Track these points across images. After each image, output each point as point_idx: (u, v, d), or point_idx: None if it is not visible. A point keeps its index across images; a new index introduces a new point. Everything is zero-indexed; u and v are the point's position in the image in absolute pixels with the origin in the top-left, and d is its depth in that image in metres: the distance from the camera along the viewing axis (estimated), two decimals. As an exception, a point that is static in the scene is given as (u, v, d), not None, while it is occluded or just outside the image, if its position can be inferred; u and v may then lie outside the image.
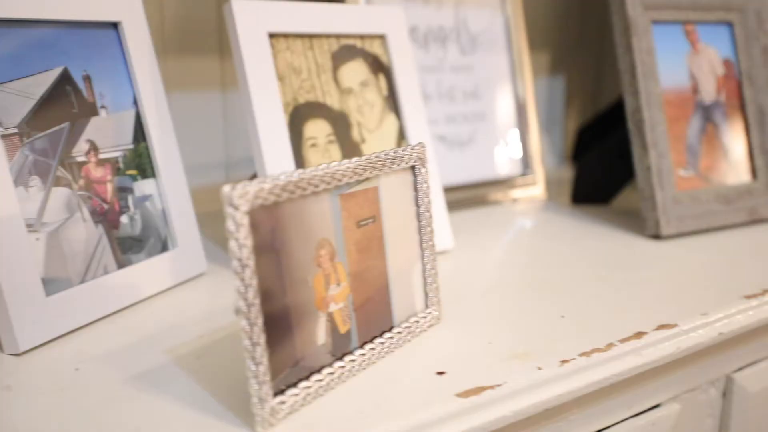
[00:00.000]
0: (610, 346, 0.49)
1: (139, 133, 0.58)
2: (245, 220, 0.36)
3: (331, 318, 0.42)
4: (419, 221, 0.50)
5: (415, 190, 0.50)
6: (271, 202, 0.38)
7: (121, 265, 0.54)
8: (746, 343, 0.61)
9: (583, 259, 0.69)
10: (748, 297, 0.58)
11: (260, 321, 0.36)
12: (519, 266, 0.67)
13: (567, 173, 1.03)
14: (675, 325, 0.52)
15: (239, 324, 0.36)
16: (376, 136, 0.67)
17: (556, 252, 0.71)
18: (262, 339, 0.36)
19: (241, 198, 0.35)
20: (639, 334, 0.51)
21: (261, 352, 0.36)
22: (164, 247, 0.59)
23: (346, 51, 0.66)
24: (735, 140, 0.82)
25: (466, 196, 0.87)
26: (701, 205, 0.77)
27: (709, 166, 0.80)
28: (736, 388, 0.61)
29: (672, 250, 0.71)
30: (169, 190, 0.59)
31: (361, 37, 0.67)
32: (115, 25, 0.57)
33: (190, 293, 0.58)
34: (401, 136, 0.69)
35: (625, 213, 0.84)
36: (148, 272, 0.56)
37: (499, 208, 0.88)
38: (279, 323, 0.38)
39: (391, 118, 0.68)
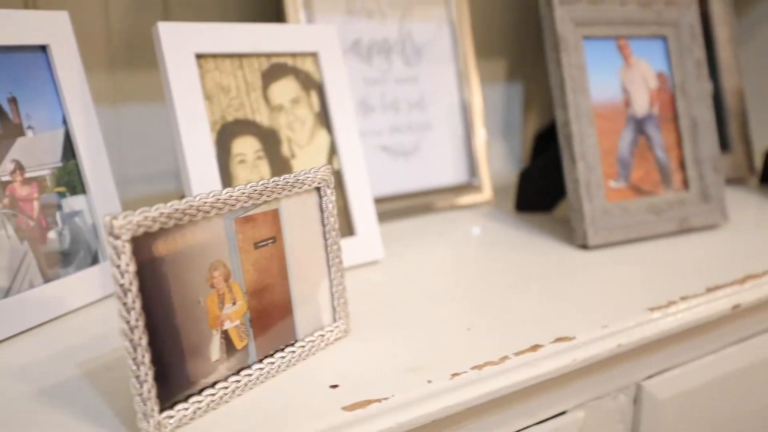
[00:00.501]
0: (504, 359, 0.51)
1: (69, 151, 0.60)
2: (126, 248, 0.38)
3: (226, 335, 0.45)
4: (325, 240, 0.53)
5: (321, 210, 0.52)
6: (157, 229, 0.40)
7: (48, 279, 0.57)
8: (655, 351, 0.64)
9: (508, 268, 0.71)
10: (652, 309, 0.60)
11: (144, 342, 0.39)
12: (443, 276, 0.69)
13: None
14: (573, 338, 0.55)
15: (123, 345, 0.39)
16: (307, 152, 0.69)
17: (483, 261, 0.74)
18: (146, 359, 0.39)
19: (121, 228, 0.38)
20: (535, 347, 0.53)
21: (145, 371, 0.39)
22: (95, 260, 0.61)
23: (276, 69, 0.68)
24: (668, 152, 0.84)
25: (412, 205, 0.89)
26: (631, 215, 0.79)
27: (640, 177, 0.82)
28: (646, 395, 0.64)
29: (597, 260, 0.74)
30: (99, 205, 0.62)
31: (293, 55, 0.70)
32: (43, 48, 0.59)
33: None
34: (333, 150, 0.71)
35: (563, 221, 0.87)
36: (76, 285, 0.59)
37: (443, 216, 0.90)
38: (168, 342, 0.41)
39: (323, 134, 0.71)
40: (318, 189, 0.52)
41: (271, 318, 0.48)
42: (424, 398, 0.47)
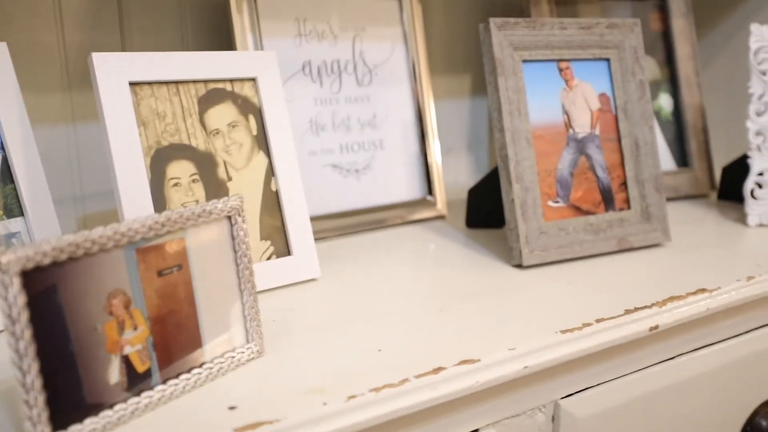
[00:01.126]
0: (404, 381, 0.54)
1: (7, 175, 0.64)
2: (15, 282, 0.41)
3: (126, 359, 0.48)
4: (237, 265, 0.55)
5: (232, 237, 0.55)
6: (49, 263, 0.43)
7: (-18, 298, 0.60)
8: (573, 370, 0.66)
9: (440, 288, 0.73)
10: (564, 331, 0.62)
11: (35, 369, 0.42)
12: (374, 295, 0.72)
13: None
14: (477, 360, 0.57)
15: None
16: (244, 174, 0.72)
17: (418, 279, 0.76)
18: (36, 384, 0.42)
19: (9, 263, 0.40)
20: (437, 370, 0.55)
21: (35, 395, 0.42)
22: (32, 280, 0.64)
23: (214, 94, 0.71)
24: (609, 172, 0.86)
25: (365, 221, 0.92)
26: (569, 235, 0.81)
27: (580, 197, 0.84)
28: (564, 413, 0.66)
29: (529, 280, 0.76)
30: (38, 227, 0.65)
31: (231, 80, 0.72)
32: (-18, 78, 0.62)
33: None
34: (271, 172, 0.74)
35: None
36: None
37: (395, 233, 0.93)
38: (61, 368, 0.44)
39: (261, 156, 0.73)
40: (229, 217, 0.54)
41: (177, 341, 0.51)
42: (318, 420, 0.49)
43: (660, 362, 0.72)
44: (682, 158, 1.12)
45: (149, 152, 0.66)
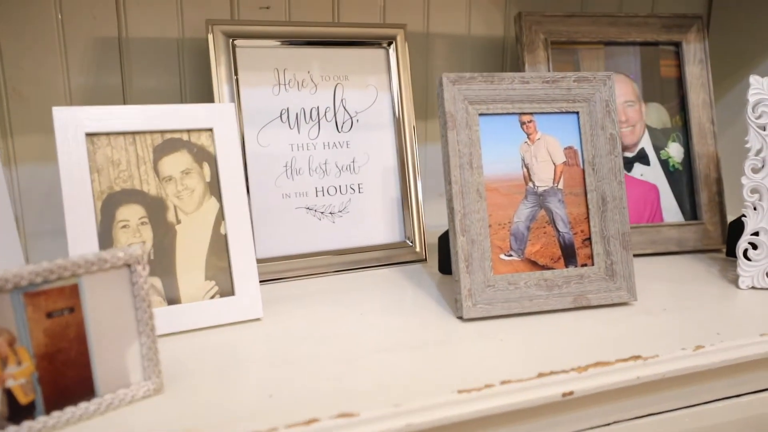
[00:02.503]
0: (272, 429, 0.56)
1: (-23, 214, 0.72)
2: None
3: (8, 391, 0.53)
4: (136, 309, 0.60)
5: (132, 283, 0.60)
6: (-71, 304, 0.49)
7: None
8: (475, 430, 0.66)
9: (375, 335, 0.75)
10: (461, 391, 0.63)
11: None
12: (306, 338, 0.75)
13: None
14: (356, 414, 0.59)
15: None
16: (194, 217, 0.77)
17: (358, 325, 0.78)
18: None
19: None
20: (310, 421, 0.58)
21: None
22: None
23: (170, 144, 0.77)
24: (573, 226, 0.85)
25: (339, 262, 0.95)
26: (519, 290, 0.81)
27: (537, 251, 0.83)
28: (466, 473, 0.66)
29: (463, 334, 0.76)
30: (2, 262, 0.73)
31: (189, 131, 0.78)
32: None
33: None
34: (221, 216, 0.79)
35: (471, 288, 0.89)
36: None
37: (368, 275, 0.95)
38: (-61, 396, 0.50)
39: (212, 201, 0.78)
40: (129, 265, 0.60)
41: (66, 377, 0.57)
42: (173, 461, 0.53)
43: (586, 429, 0.70)
44: (691, 210, 1.07)
45: (101, 196, 0.73)
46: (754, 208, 0.91)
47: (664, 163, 1.08)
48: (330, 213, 0.96)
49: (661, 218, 1.06)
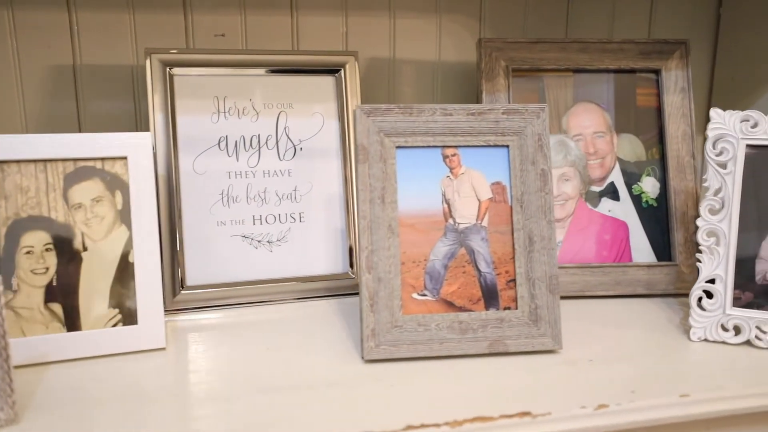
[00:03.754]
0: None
1: None
2: None
3: None
4: (-10, 338, 0.61)
5: (-13, 312, 0.61)
6: None
7: None
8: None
9: (271, 372, 0.73)
10: (310, 441, 0.60)
11: None
12: (195, 372, 0.73)
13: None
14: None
15: None
16: (101, 245, 0.78)
17: (259, 361, 0.76)
18: None
19: None
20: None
21: None
22: None
23: (81, 172, 0.78)
24: (496, 266, 0.80)
25: (275, 291, 0.94)
26: (429, 332, 0.77)
27: (454, 291, 0.79)
28: None
29: (360, 376, 0.72)
30: None
31: (102, 159, 0.79)
32: None
33: None
34: (129, 245, 0.79)
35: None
36: None
37: (303, 305, 0.93)
38: None
39: (122, 229, 0.79)
40: (-16, 294, 0.61)
41: None
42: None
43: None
44: (665, 250, 0.99)
45: (6, 222, 0.75)
46: (710, 253, 0.83)
47: (636, 199, 1.00)
48: (267, 242, 0.94)
49: (630, 258, 0.99)
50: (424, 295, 0.79)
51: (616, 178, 1.00)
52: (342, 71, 0.97)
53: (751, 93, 1.14)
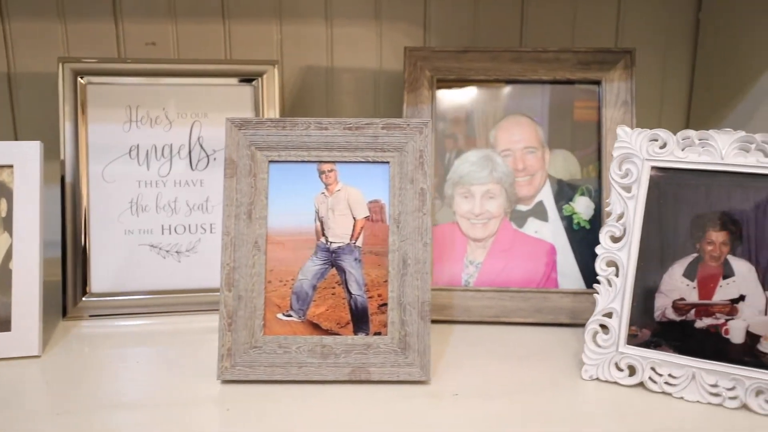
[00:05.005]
0: None
1: None
2: None
3: None
4: None
5: None
6: None
7: None
8: None
9: (124, 388, 0.72)
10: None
11: None
12: (51, 383, 0.74)
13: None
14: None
15: None
16: (-17, 251, 0.80)
17: (126, 375, 0.76)
18: None
19: None
20: None
21: None
22: None
23: (-32, 179, 0.80)
24: (369, 289, 0.76)
25: (183, 301, 0.93)
26: (289, 354, 0.74)
27: (321, 313, 0.76)
28: None
29: (206, 397, 0.71)
30: None
31: (-11, 167, 0.81)
32: None
33: None
34: (10, 253, 0.80)
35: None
36: None
37: (207, 318, 0.92)
38: None
39: (5, 237, 0.81)
40: None
41: None
42: None
43: None
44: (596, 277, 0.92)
45: None
46: (609, 284, 0.76)
47: (567, 220, 0.93)
48: (176, 252, 0.94)
49: (556, 283, 0.92)
50: (290, 315, 0.76)
51: (546, 197, 0.93)
52: (260, 80, 0.95)
53: (729, 102, 1.04)
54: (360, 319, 0.76)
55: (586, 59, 0.94)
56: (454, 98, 0.95)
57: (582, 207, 0.93)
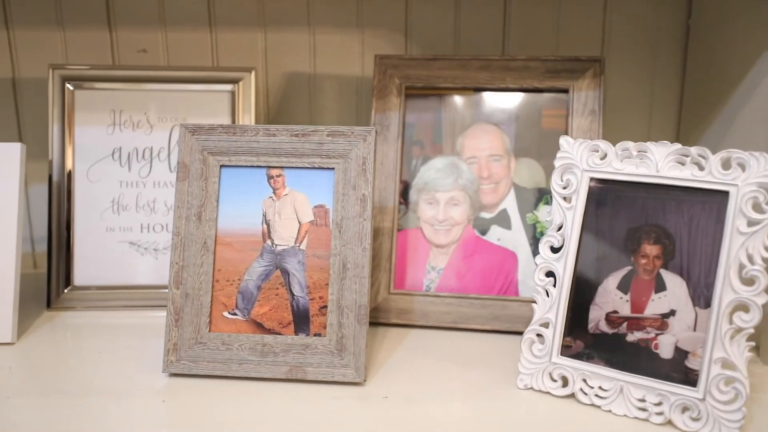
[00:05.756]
0: None
1: None
2: None
3: None
4: None
5: None
6: None
7: None
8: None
9: (68, 377, 0.77)
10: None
11: None
12: (15, 370, 0.79)
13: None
14: None
15: None
16: (-34, 244, 0.86)
17: (80, 364, 0.81)
18: None
19: None
20: None
21: None
22: None
23: (-44, 177, 0.87)
24: (311, 291, 0.78)
25: (155, 297, 0.98)
26: (231, 351, 0.77)
27: (264, 313, 0.79)
28: None
29: (149, 389, 0.75)
30: None
31: (-26, 166, 0.88)
32: None
33: None
34: (-10, 246, 0.87)
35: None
36: None
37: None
38: None
39: (-14, 231, 0.87)
40: None
41: None
42: None
43: None
44: (560, 286, 0.91)
45: None
46: (547, 294, 0.76)
47: (530, 228, 0.93)
48: (154, 249, 0.99)
49: (516, 292, 0.92)
50: (235, 314, 0.79)
51: (510, 205, 0.94)
52: (236, 86, 0.99)
53: (716, 108, 1.01)
54: (301, 320, 0.78)
55: (555, 67, 0.94)
56: (422, 106, 0.97)
57: (546, 216, 0.93)
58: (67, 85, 0.98)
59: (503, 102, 0.95)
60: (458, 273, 0.94)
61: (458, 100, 0.96)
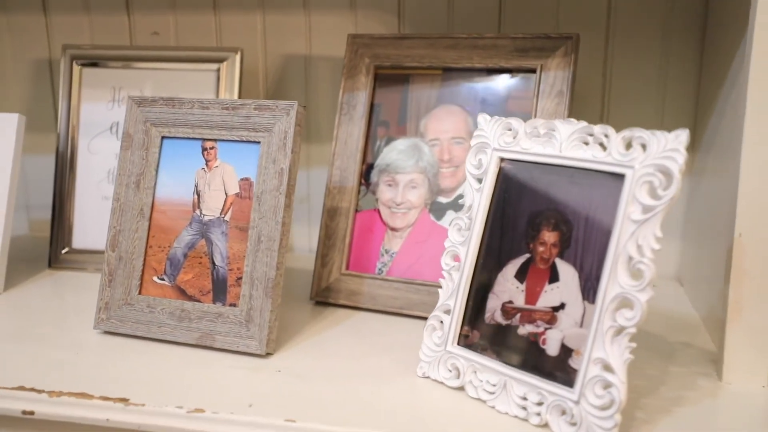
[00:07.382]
0: None
1: None
2: None
3: None
4: None
5: None
6: None
7: None
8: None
9: (23, 327, 0.85)
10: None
11: None
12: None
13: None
14: None
15: None
16: (-32, 203, 0.97)
17: (37, 318, 0.88)
18: None
19: None
20: None
21: None
22: None
23: (-35, 143, 0.98)
24: (231, 262, 0.80)
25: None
26: (154, 314, 0.81)
27: (188, 280, 0.81)
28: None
29: (75, 343, 0.80)
30: None
31: (-19, 134, 0.98)
32: None
33: None
34: (-13, 206, 0.97)
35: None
36: None
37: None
38: None
39: (-16, 195, 0.97)
40: None
41: None
42: None
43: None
44: (514, 278, 0.86)
45: None
46: (451, 277, 0.72)
47: (488, 216, 0.88)
48: (141, 219, 1.05)
49: (467, 280, 0.88)
50: (163, 279, 0.82)
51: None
52: (221, 65, 1.03)
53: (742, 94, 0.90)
54: (219, 290, 0.80)
55: (524, 45, 0.88)
56: (390, 86, 0.95)
57: (505, 203, 0.87)
58: (75, 64, 1.06)
59: (470, 83, 0.91)
60: (410, 258, 0.91)
61: (425, 80, 0.93)
